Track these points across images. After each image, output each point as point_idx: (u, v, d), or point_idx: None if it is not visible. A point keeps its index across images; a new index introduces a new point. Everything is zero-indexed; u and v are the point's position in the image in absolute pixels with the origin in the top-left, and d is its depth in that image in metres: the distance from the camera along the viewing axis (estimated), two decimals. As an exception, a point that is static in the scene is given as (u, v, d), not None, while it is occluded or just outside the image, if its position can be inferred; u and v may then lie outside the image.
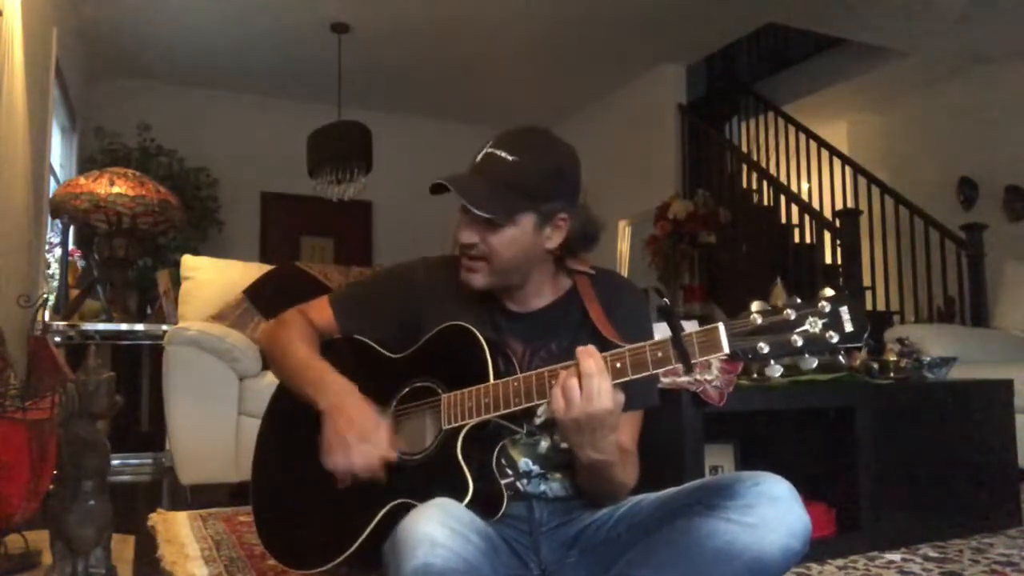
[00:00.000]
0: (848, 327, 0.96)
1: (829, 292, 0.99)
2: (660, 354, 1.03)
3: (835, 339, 0.96)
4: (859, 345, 0.96)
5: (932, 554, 1.95)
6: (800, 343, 0.98)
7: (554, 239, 1.24)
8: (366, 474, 1.15)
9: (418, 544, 0.94)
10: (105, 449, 1.60)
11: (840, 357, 0.97)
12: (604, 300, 1.28)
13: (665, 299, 1.09)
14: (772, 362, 1.00)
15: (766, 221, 5.46)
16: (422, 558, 0.93)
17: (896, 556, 1.93)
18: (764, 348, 0.98)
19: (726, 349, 0.99)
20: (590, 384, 1.03)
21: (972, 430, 2.23)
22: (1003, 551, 1.98)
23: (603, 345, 1.09)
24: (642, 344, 1.05)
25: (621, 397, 1.05)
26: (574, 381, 1.04)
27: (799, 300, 1.00)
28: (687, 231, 5.17)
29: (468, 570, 0.94)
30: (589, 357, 1.04)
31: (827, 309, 0.97)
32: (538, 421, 1.23)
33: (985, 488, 2.22)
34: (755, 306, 1.00)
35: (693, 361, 1.01)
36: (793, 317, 0.98)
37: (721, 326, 1.00)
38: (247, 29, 5.22)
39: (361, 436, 1.15)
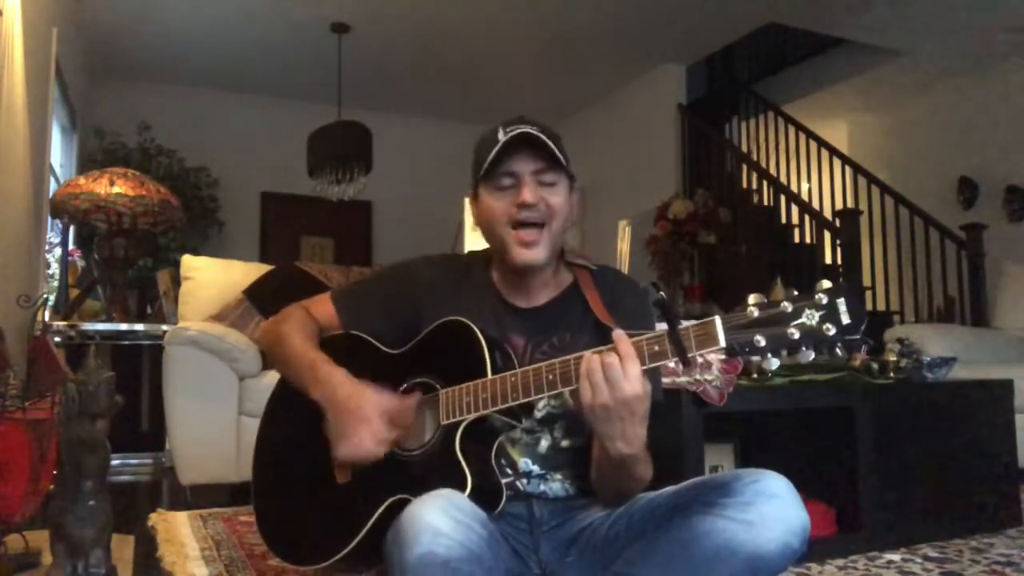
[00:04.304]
0: (845, 319, 0.95)
1: (827, 284, 0.98)
2: (657, 348, 1.03)
3: (832, 331, 0.95)
4: (856, 337, 0.95)
5: (932, 554, 1.95)
6: (797, 336, 0.97)
7: (574, 209, 1.27)
8: (375, 455, 1.15)
9: (422, 532, 0.94)
10: (105, 449, 1.61)
11: (838, 350, 0.95)
12: (605, 295, 1.29)
13: (662, 293, 1.08)
14: (769, 355, 0.99)
15: (766, 221, 5.46)
16: (426, 546, 0.93)
17: (896, 556, 1.93)
18: (761, 341, 0.98)
19: (722, 342, 0.99)
20: (615, 369, 1.02)
21: (972, 430, 2.23)
22: (1003, 551, 1.98)
23: (605, 338, 1.09)
24: (639, 338, 1.05)
25: (649, 386, 1.04)
26: (598, 366, 1.02)
27: (796, 292, 0.99)
28: (687, 231, 5.17)
29: (472, 559, 0.94)
30: (618, 341, 1.04)
31: (824, 301, 0.97)
32: (538, 415, 1.23)
33: (985, 488, 2.22)
34: (752, 299, 0.99)
35: (690, 354, 1.00)
36: (790, 310, 0.98)
37: (717, 319, 1.00)
38: (247, 29, 5.22)
39: (359, 419, 1.15)
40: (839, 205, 5.54)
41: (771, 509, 1.01)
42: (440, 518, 0.95)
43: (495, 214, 1.22)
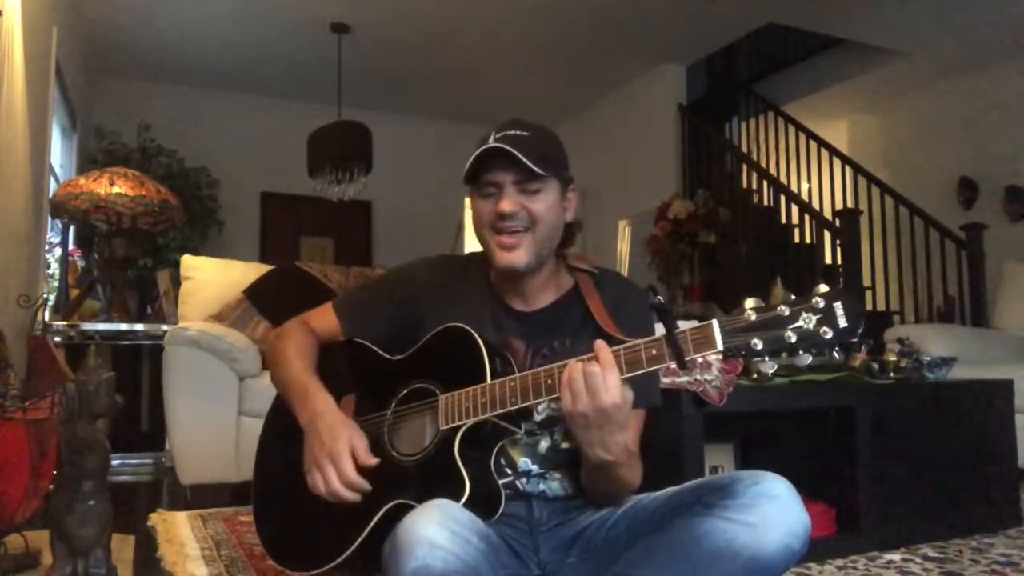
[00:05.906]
0: (842, 322, 0.95)
1: (823, 288, 0.98)
2: (655, 351, 1.03)
3: (829, 335, 0.95)
4: (854, 341, 0.95)
5: (932, 554, 1.95)
6: (794, 339, 0.97)
7: (569, 211, 1.28)
8: (335, 498, 1.13)
9: (417, 545, 0.93)
10: (105, 449, 1.61)
11: (835, 353, 0.95)
12: (607, 299, 1.28)
13: (659, 296, 1.09)
14: (766, 358, 0.99)
15: (766, 221, 5.45)
16: (421, 559, 0.92)
17: (896, 556, 1.93)
18: (758, 344, 0.98)
19: (719, 346, 0.99)
20: (596, 378, 1.02)
21: (972, 430, 2.23)
22: (1003, 551, 1.98)
23: (606, 342, 1.09)
24: (637, 342, 1.05)
25: (630, 394, 1.05)
26: (579, 374, 1.03)
27: (793, 296, 0.99)
28: (687, 231, 5.17)
29: (467, 572, 0.94)
30: (599, 350, 1.04)
31: (821, 305, 0.97)
32: (538, 418, 1.23)
33: (985, 488, 2.22)
34: (749, 303, 1.00)
35: (687, 358, 1.00)
36: (787, 313, 0.98)
37: (715, 323, 1.00)
38: (247, 29, 5.22)
39: (331, 458, 1.14)
40: (839, 205, 5.54)
41: (772, 511, 1.01)
42: (436, 531, 0.94)
43: (480, 219, 1.24)
